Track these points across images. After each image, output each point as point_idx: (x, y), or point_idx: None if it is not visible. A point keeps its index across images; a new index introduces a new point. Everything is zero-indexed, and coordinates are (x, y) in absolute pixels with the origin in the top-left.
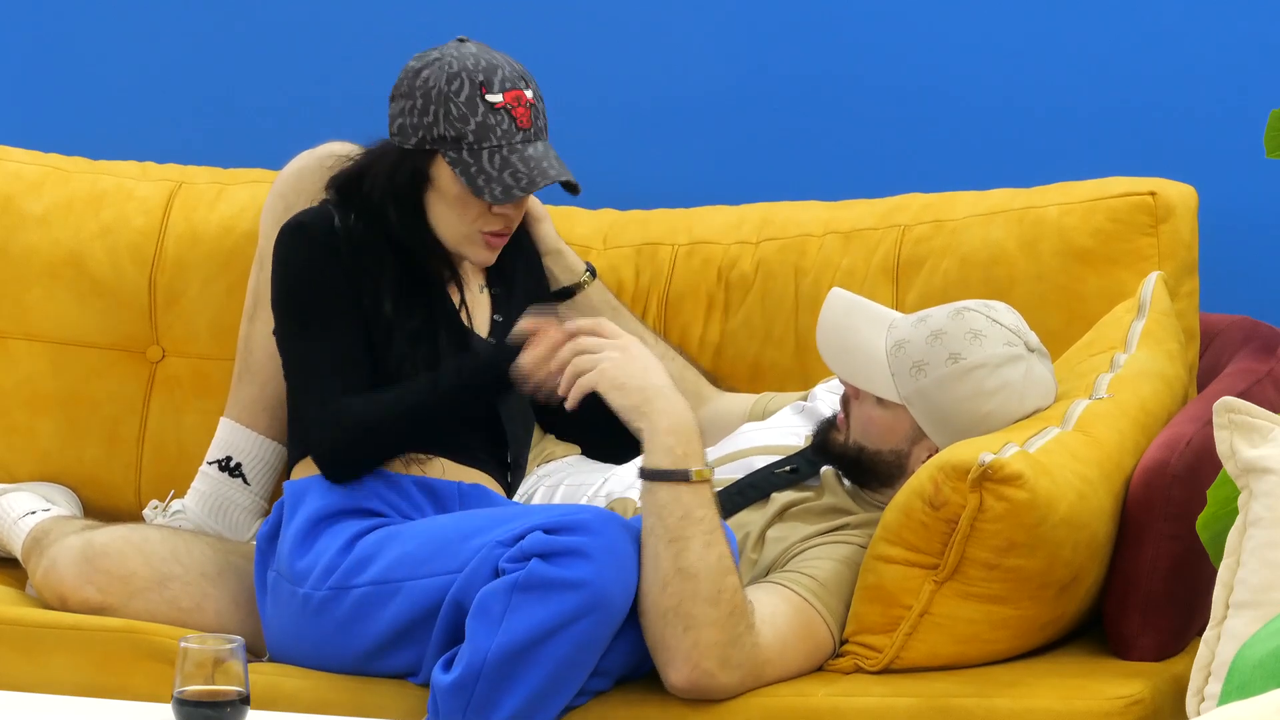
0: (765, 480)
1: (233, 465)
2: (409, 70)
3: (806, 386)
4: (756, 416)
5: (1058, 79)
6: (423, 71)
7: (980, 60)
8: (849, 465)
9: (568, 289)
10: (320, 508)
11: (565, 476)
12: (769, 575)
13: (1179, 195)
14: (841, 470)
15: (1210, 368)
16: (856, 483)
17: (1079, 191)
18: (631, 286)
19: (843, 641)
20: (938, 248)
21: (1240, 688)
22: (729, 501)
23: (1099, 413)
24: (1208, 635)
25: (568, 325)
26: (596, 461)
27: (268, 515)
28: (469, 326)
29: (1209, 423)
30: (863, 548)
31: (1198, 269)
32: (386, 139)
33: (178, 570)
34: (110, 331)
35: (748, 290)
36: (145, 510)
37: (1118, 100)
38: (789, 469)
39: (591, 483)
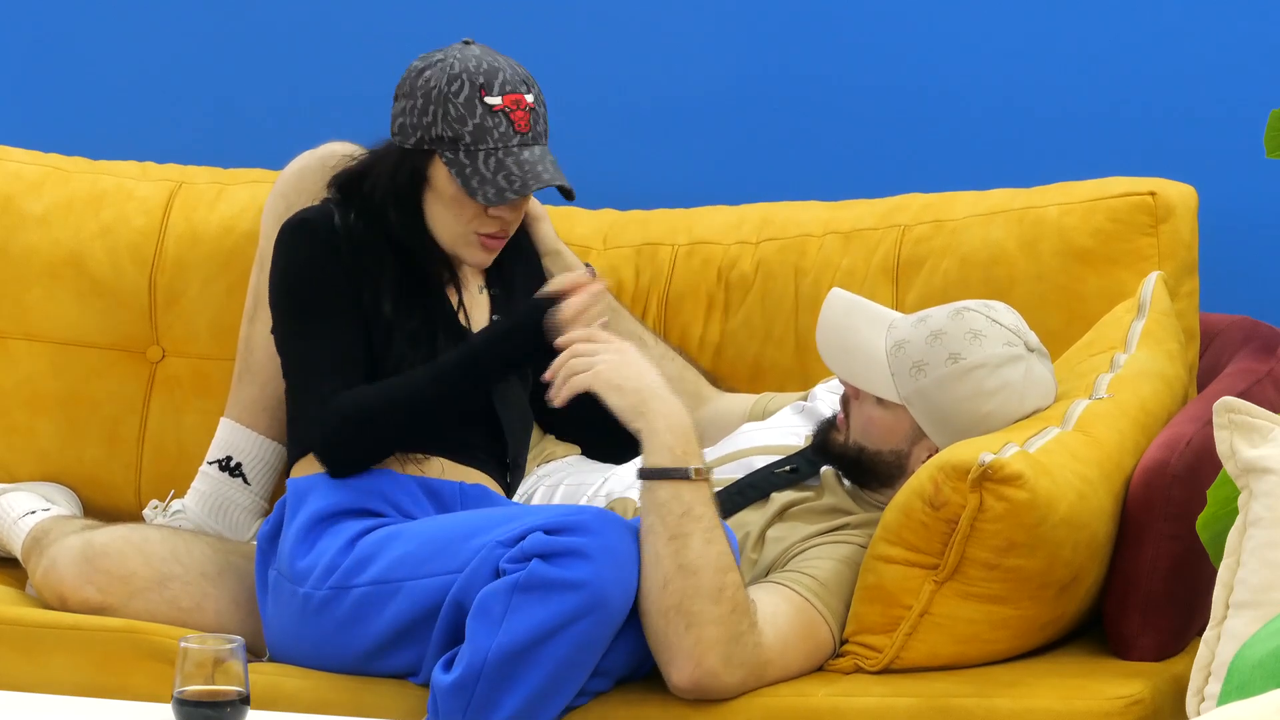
0: (765, 480)
1: (233, 465)
2: (412, 70)
3: (806, 386)
4: (756, 416)
5: (1058, 79)
6: (425, 72)
7: (980, 60)
8: (849, 465)
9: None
10: (322, 508)
11: (565, 476)
12: (769, 575)
13: (1179, 195)
14: (841, 470)
15: (1210, 368)
16: (856, 483)
17: (1079, 191)
18: (631, 286)
19: (843, 641)
20: (938, 248)
21: (1240, 687)
22: (729, 501)
23: (1099, 413)
24: (1208, 635)
25: (560, 339)
26: (596, 461)
27: (268, 515)
28: (467, 327)
29: (1209, 423)
30: (863, 547)
31: (1198, 269)
32: (390, 139)
33: (178, 570)
34: (110, 331)
35: (748, 290)
36: (145, 510)
37: (1118, 100)
38: (789, 469)
39: (591, 483)
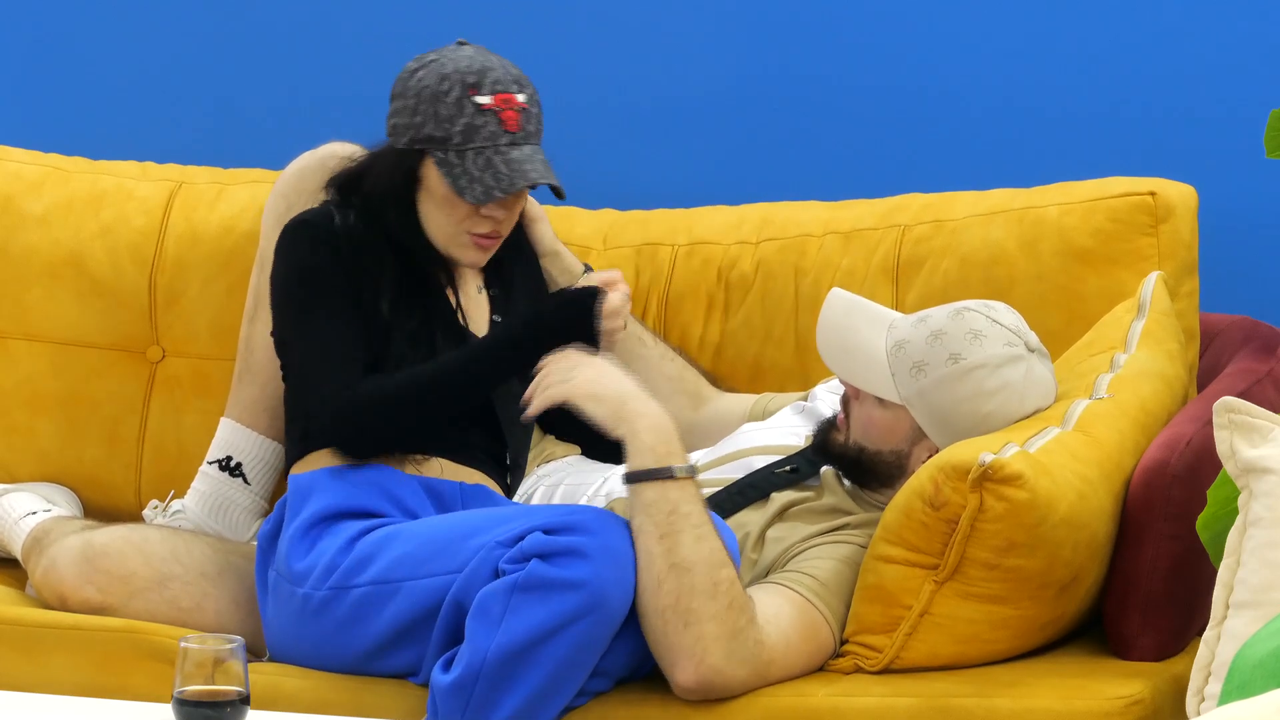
0: (765, 480)
1: (233, 465)
2: (406, 71)
3: (806, 386)
4: (756, 417)
5: (1058, 79)
6: (418, 72)
7: (980, 60)
8: (849, 465)
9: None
10: (322, 508)
11: (565, 476)
12: (769, 576)
13: (1179, 195)
14: (841, 470)
15: (1210, 368)
16: (857, 483)
17: (1079, 191)
18: (631, 287)
19: (843, 641)
20: (938, 248)
21: (1240, 687)
22: (729, 501)
23: (1099, 413)
24: (1208, 635)
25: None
26: (596, 461)
27: (268, 515)
28: (466, 328)
29: (1209, 423)
30: (863, 548)
31: (1198, 269)
32: (388, 140)
33: (178, 570)
34: (110, 331)
35: (748, 290)
36: (145, 510)
37: (1118, 100)
38: (789, 469)
39: (591, 483)
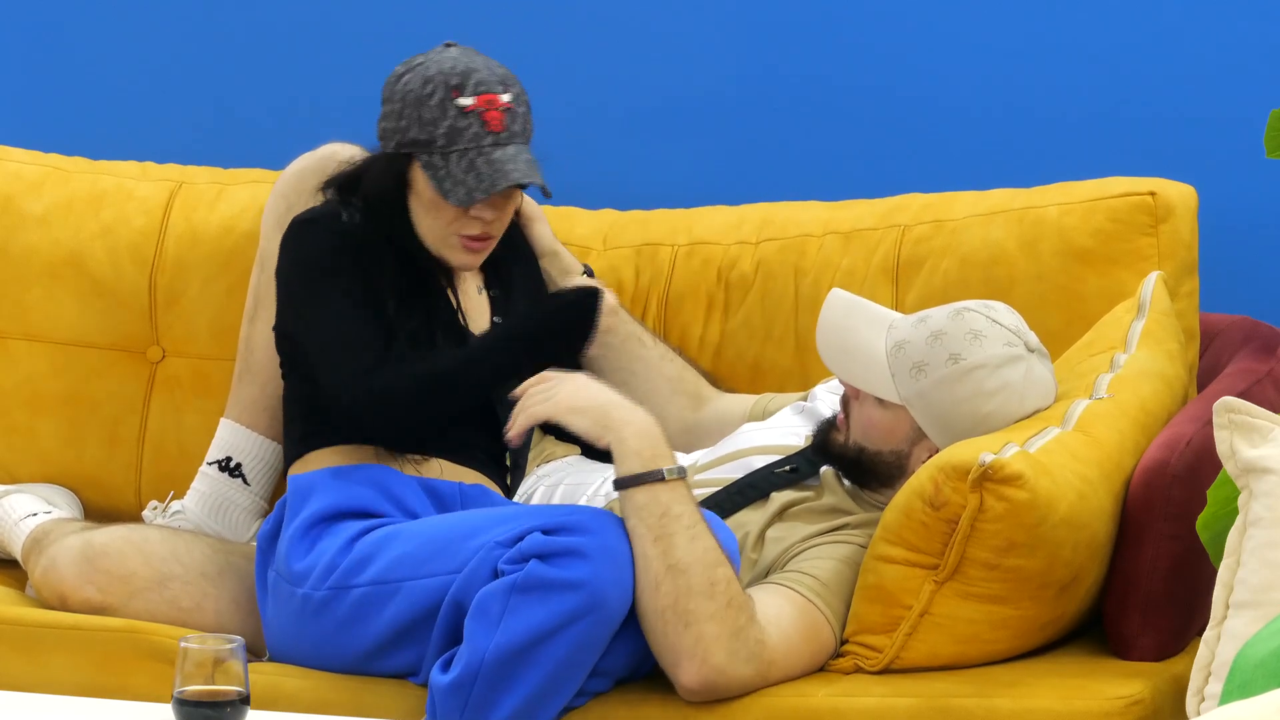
0: (765, 480)
1: (233, 465)
2: (394, 75)
3: (806, 387)
4: (756, 417)
5: (1058, 79)
6: (404, 76)
7: (981, 61)
8: (849, 466)
9: None
10: (322, 508)
11: (565, 476)
12: (769, 576)
13: (1179, 195)
14: (841, 471)
15: (1210, 368)
16: (856, 483)
17: (1079, 191)
18: (631, 287)
19: (843, 641)
20: (938, 248)
21: (1241, 687)
22: (728, 501)
23: (1099, 413)
24: (1208, 635)
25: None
26: (596, 461)
27: (268, 515)
28: (467, 328)
29: (1209, 423)
30: (863, 547)
31: (1198, 269)
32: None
33: (178, 570)
34: (110, 331)
35: (748, 290)
36: (145, 511)
37: (1118, 100)
38: (789, 469)
39: (591, 482)
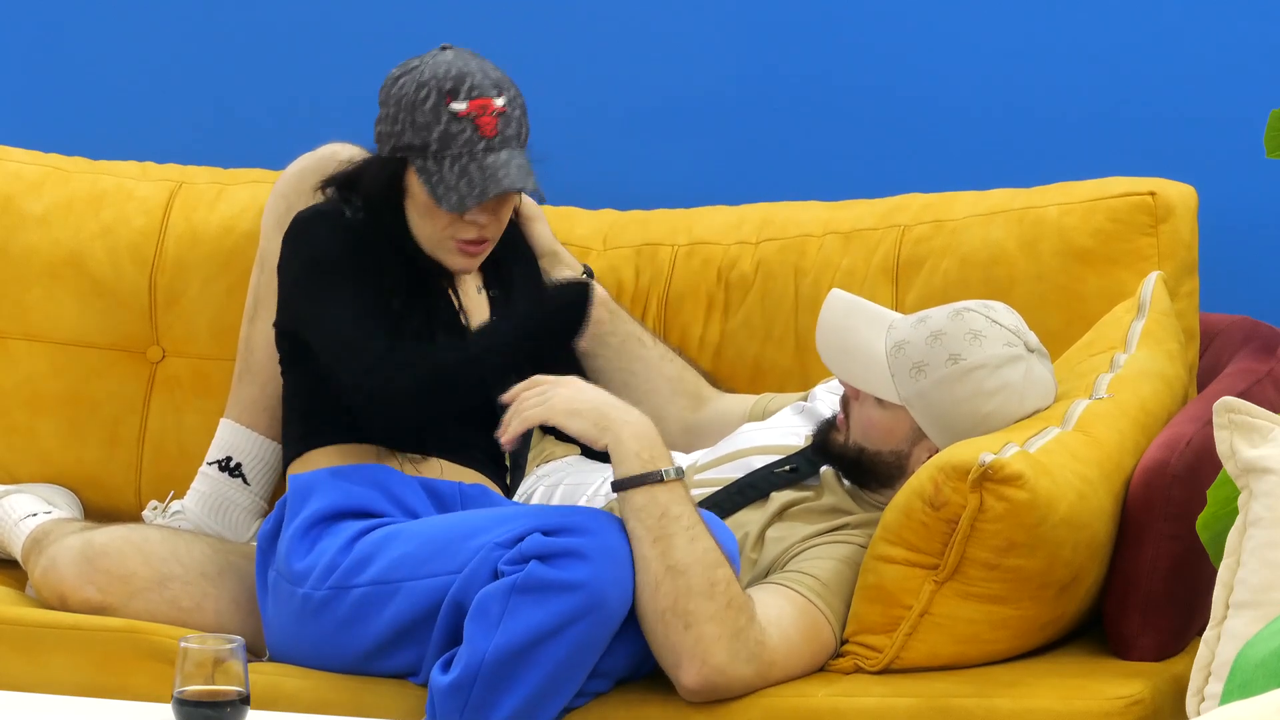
0: (765, 480)
1: (233, 465)
2: (389, 78)
3: (806, 387)
4: (756, 417)
5: (1058, 79)
6: (400, 80)
7: (980, 61)
8: (849, 466)
9: None
10: (322, 508)
11: (565, 476)
12: (769, 576)
13: (1179, 195)
14: (841, 471)
15: (1210, 368)
16: (856, 483)
17: (1079, 191)
18: (631, 287)
19: (843, 641)
20: (938, 248)
21: (1242, 687)
22: (728, 501)
23: (1099, 413)
24: (1208, 635)
25: (506, 395)
26: (596, 461)
27: (268, 515)
28: (468, 327)
29: (1209, 423)
30: (863, 547)
31: (1198, 269)
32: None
33: (178, 570)
34: (110, 331)
35: (748, 290)
36: (145, 511)
37: (1118, 100)
38: (789, 468)
39: (590, 482)
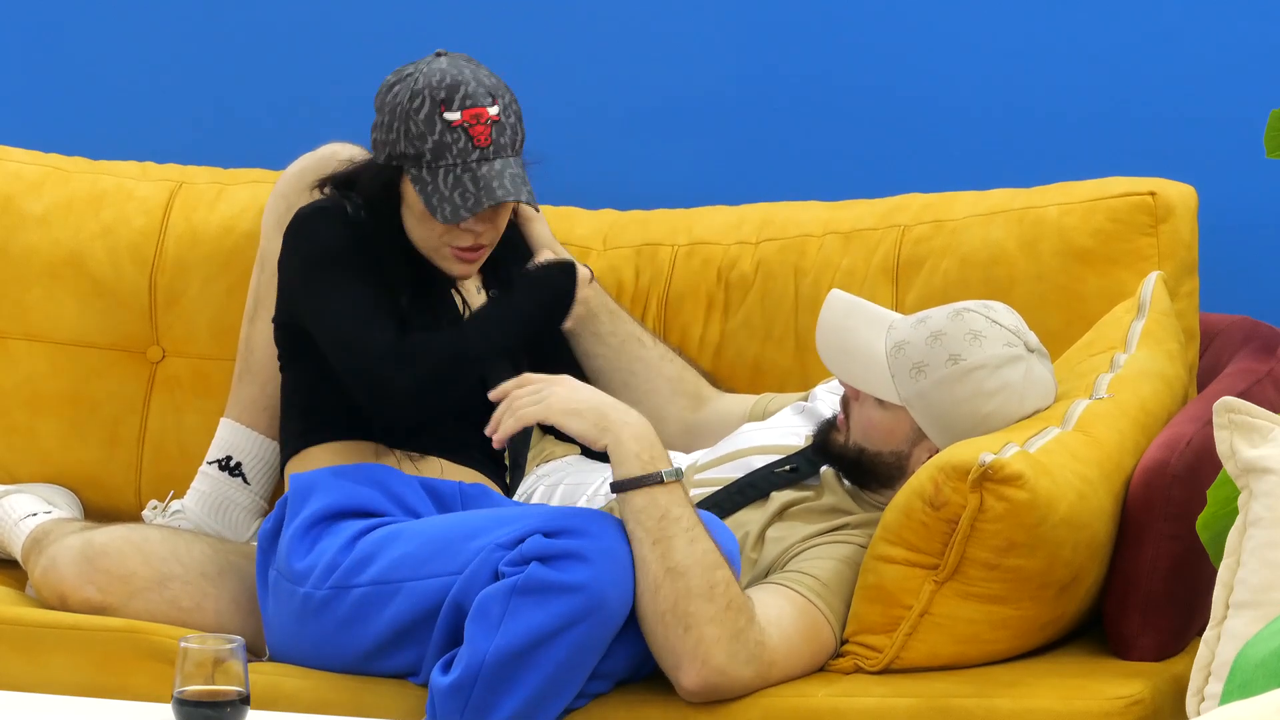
0: (765, 479)
1: (233, 465)
2: (384, 85)
3: (806, 387)
4: (757, 417)
5: (1058, 79)
6: (394, 87)
7: (980, 61)
8: (849, 466)
9: None
10: (322, 507)
11: (564, 476)
12: (769, 576)
13: (1179, 195)
14: (841, 471)
15: (1210, 368)
16: (856, 483)
17: (1079, 191)
18: (631, 287)
19: (843, 641)
20: (938, 248)
21: (1242, 687)
22: (728, 501)
23: (1099, 413)
24: (1208, 635)
25: (495, 392)
26: (595, 461)
27: (268, 515)
28: None
29: (1209, 423)
30: (863, 547)
31: (1198, 269)
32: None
33: (178, 570)
34: (110, 331)
35: (748, 290)
36: (145, 511)
37: (1118, 100)
38: (789, 468)
39: (590, 482)
